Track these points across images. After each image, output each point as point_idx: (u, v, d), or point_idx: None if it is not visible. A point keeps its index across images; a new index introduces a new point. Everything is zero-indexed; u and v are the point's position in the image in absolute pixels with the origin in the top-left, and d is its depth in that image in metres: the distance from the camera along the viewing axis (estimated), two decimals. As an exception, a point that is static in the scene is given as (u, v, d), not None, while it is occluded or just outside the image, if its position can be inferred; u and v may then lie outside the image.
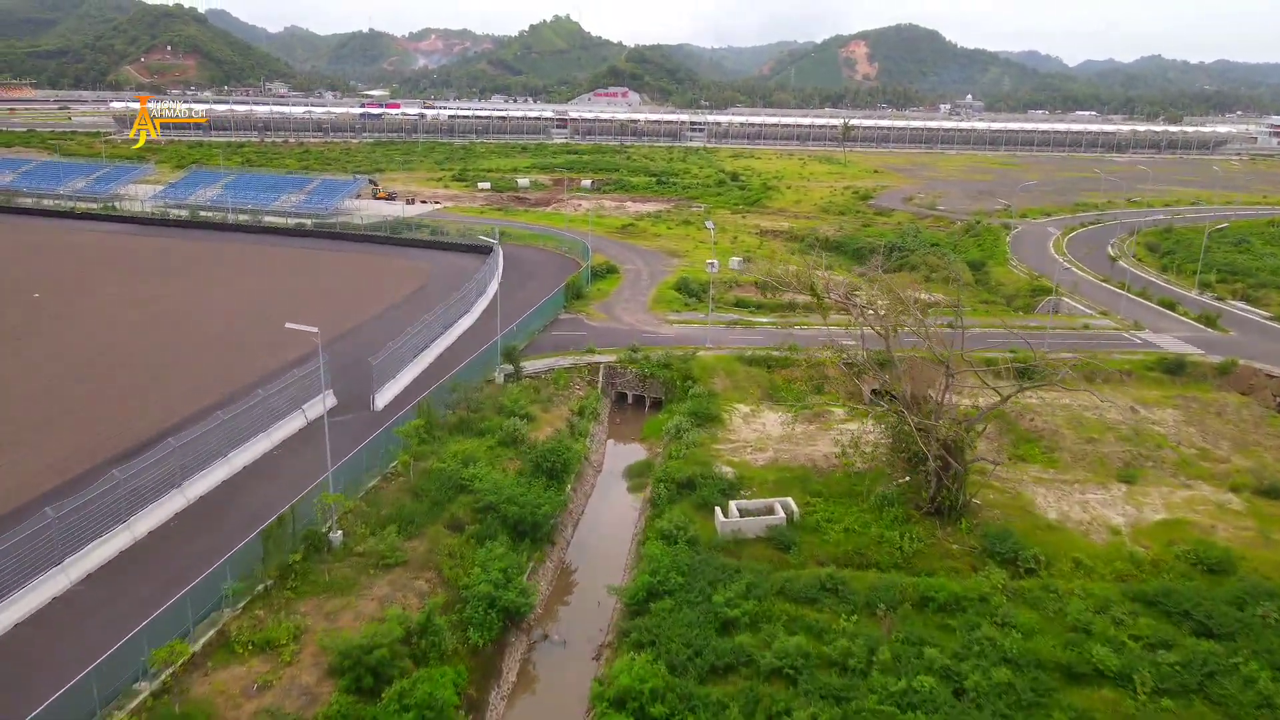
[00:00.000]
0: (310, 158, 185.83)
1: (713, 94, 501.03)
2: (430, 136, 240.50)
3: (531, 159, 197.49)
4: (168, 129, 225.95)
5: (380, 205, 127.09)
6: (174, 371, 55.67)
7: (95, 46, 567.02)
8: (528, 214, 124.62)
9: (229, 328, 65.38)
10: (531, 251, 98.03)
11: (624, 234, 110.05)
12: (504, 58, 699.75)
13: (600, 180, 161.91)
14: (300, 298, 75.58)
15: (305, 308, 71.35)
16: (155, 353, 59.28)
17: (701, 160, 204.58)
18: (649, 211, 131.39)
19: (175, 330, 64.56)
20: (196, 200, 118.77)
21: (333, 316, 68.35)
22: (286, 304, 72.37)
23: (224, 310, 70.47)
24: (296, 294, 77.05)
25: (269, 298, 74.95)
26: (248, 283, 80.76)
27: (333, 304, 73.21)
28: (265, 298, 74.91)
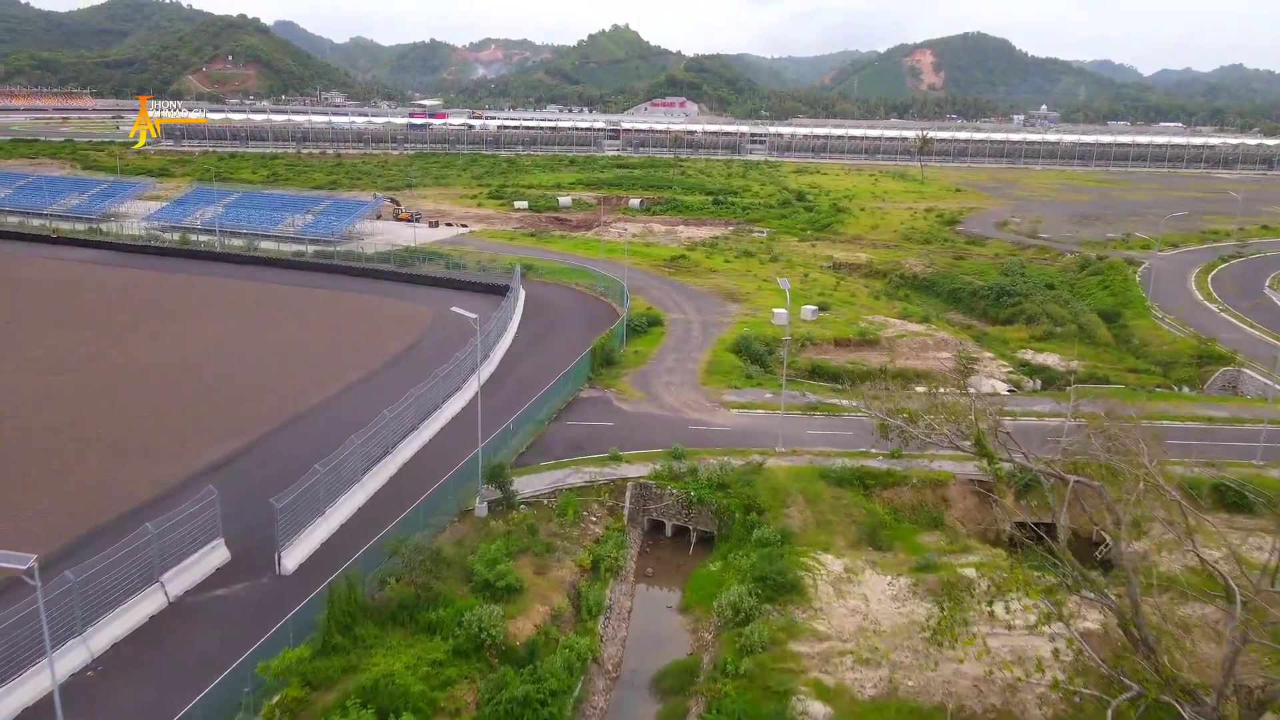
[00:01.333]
0: (342, 171, 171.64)
1: (773, 104, 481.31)
2: (475, 148, 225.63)
3: (578, 173, 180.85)
4: (202, 139, 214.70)
5: (399, 228, 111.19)
6: (21, 490, 39.15)
7: (160, 57, 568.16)
8: (564, 240, 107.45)
9: (141, 412, 48.91)
10: (560, 292, 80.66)
11: (673, 268, 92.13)
12: (561, 67, 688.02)
13: (650, 199, 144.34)
14: (255, 361, 59.07)
15: (256, 377, 54.78)
16: (20, 457, 42.93)
17: (763, 176, 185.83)
18: (703, 238, 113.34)
19: (75, 413, 48.34)
20: (193, 222, 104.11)
21: (286, 390, 51.72)
22: (233, 372, 55.91)
23: (152, 381, 54.14)
24: (254, 354, 60.58)
25: (219, 359, 58.57)
26: (205, 334, 64.62)
27: (293, 370, 56.59)
28: (214, 359, 58.55)
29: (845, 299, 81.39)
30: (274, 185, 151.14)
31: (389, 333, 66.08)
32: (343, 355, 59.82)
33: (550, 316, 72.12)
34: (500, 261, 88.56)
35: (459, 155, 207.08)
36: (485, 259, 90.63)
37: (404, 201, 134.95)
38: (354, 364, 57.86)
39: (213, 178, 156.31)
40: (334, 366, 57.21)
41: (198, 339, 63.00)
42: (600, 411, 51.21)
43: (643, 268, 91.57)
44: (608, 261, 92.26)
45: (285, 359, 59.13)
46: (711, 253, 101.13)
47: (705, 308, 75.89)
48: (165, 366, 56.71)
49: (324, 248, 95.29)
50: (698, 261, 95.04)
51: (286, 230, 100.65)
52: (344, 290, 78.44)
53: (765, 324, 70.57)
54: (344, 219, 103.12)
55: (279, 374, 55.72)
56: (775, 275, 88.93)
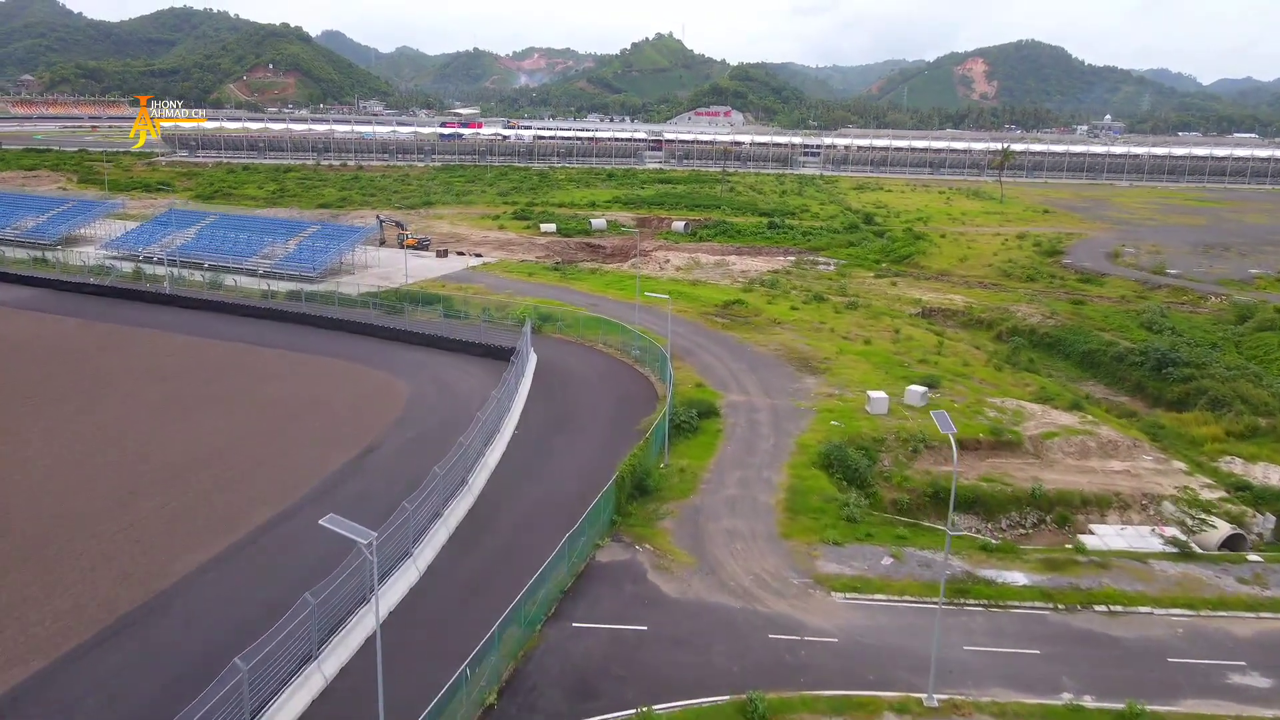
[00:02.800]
0: (357, 186, 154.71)
1: (821, 113, 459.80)
2: (506, 160, 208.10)
3: (616, 188, 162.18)
4: (218, 149, 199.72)
5: (401, 258, 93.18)
6: None
7: (203, 65, 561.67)
8: (594, 277, 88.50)
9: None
10: (582, 356, 61.74)
11: (727, 318, 72.75)
12: (603, 76, 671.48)
13: (696, 222, 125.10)
14: (117, 488, 40.62)
15: (101, 527, 36.28)
16: None
17: (820, 193, 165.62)
18: (760, 272, 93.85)
19: None
20: (157, 250, 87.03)
21: (137, 555, 33.24)
22: (74, 510, 37.65)
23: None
24: (122, 476, 42.18)
25: (64, 486, 40.47)
26: (78, 430, 46.64)
27: (169, 508, 37.99)
28: (59, 484, 40.45)
29: (955, 368, 61.35)
30: (280, 203, 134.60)
31: (342, 426, 47.54)
32: (258, 476, 41.21)
33: (567, 397, 53.18)
34: (512, 309, 69.99)
35: (488, 168, 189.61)
36: (494, 304, 72.13)
37: (413, 224, 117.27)
38: (270, 490, 39.29)
39: (213, 193, 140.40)
40: (235, 498, 38.67)
41: (63, 439, 44.94)
42: (627, 599, 31.94)
43: (689, 316, 72.42)
44: (646, 307, 73.31)
45: (168, 485, 40.50)
46: (772, 295, 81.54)
47: (773, 382, 56.36)
48: (13, 486, 38.69)
49: (301, 285, 77.53)
50: (757, 309, 75.50)
51: (261, 262, 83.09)
52: (305, 351, 60.21)
53: (857, 412, 50.95)
54: (331, 249, 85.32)
55: (140, 521, 37.20)
56: (861, 331, 69.31)
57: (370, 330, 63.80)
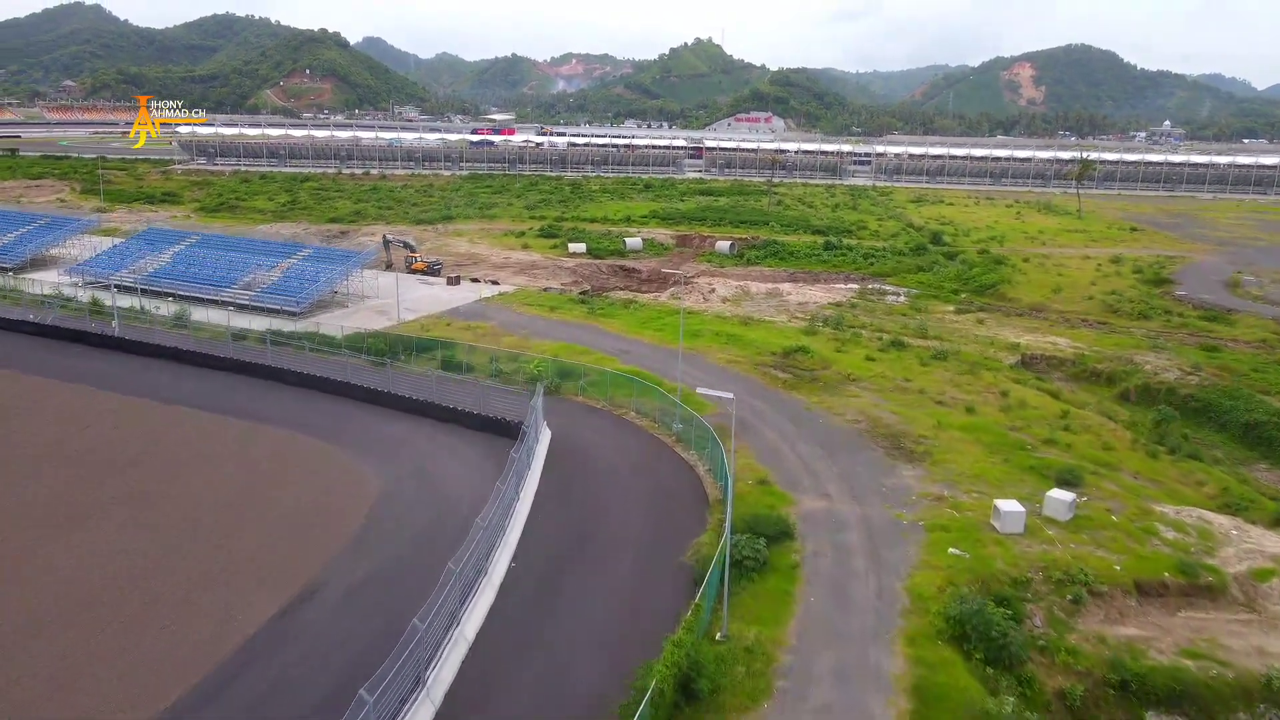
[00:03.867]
0: (375, 197, 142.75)
1: (865, 119, 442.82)
2: (538, 169, 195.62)
3: (654, 200, 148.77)
4: (237, 156, 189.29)
5: (406, 286, 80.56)
6: None
7: (242, 71, 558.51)
8: (627, 313, 74.83)
9: None
10: (609, 430, 48.09)
11: (788, 372, 58.72)
12: (641, 81, 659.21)
13: (742, 241, 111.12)
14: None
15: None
16: None
17: (876, 207, 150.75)
18: (821, 305, 79.83)
19: None
20: (126, 276, 75.20)
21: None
22: None
23: None
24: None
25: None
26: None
27: None
28: None
29: (1094, 452, 46.82)
30: (289, 216, 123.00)
31: (274, 550, 34.38)
32: (121, 653, 28.08)
33: (587, 500, 39.57)
34: (526, 360, 56.65)
35: (516, 177, 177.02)
36: (505, 351, 58.92)
37: (428, 242, 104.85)
38: (122, 692, 26.12)
39: (219, 206, 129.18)
40: (69, 697, 25.56)
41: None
42: None
43: (741, 368, 58.62)
44: (688, 353, 59.67)
45: (49, 628, 27.76)
46: (840, 338, 67.31)
47: (859, 475, 42.31)
48: None
49: (281, 322, 64.95)
50: (824, 358, 61.34)
51: (240, 293, 70.70)
52: (258, 419, 47.27)
53: (981, 528, 36.87)
54: (322, 278, 72.71)
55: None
56: (958, 391, 54.98)
57: (346, 391, 50.75)
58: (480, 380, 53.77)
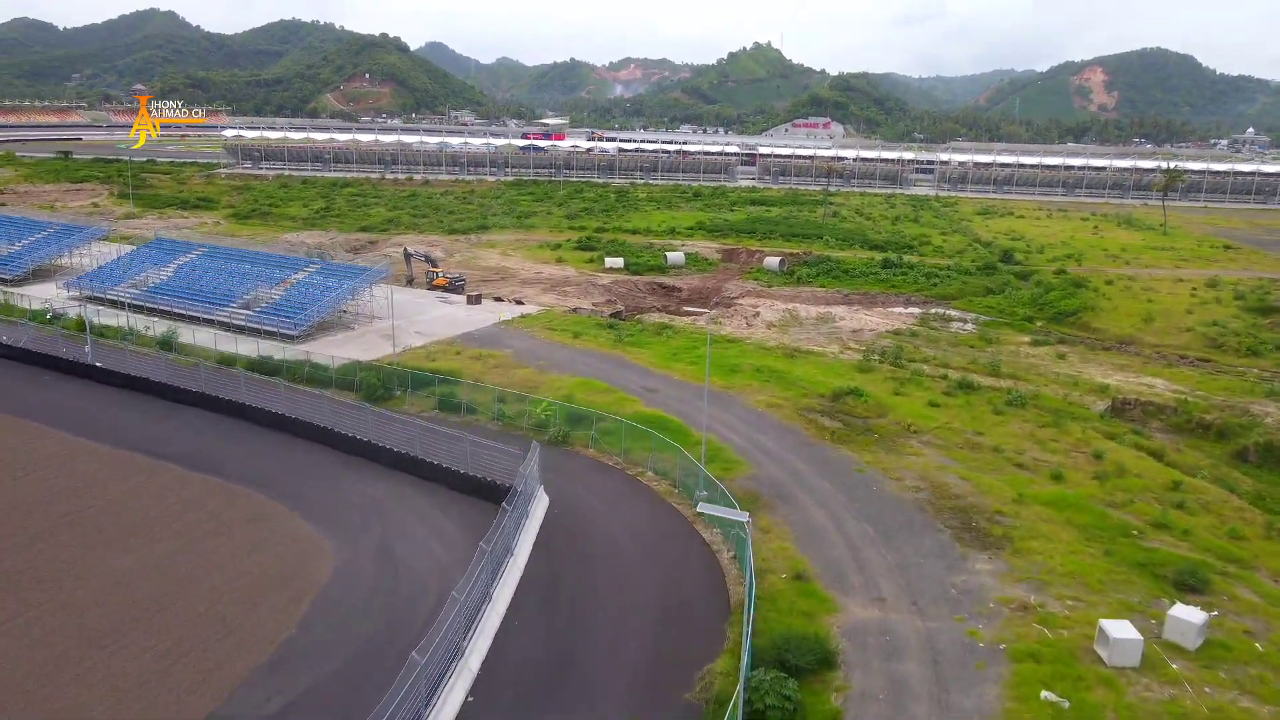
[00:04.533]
0: (411, 205, 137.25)
1: (928, 125, 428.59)
2: (586, 175, 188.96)
3: (702, 210, 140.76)
4: (281, 160, 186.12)
5: (422, 305, 74.13)
6: None
7: (304, 75, 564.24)
8: (659, 341, 66.86)
9: None
10: (619, 495, 40.25)
11: (838, 418, 50.24)
12: (699, 86, 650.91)
13: (793, 256, 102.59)
14: None
15: None
16: None
17: (940, 219, 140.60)
18: (878, 333, 71.09)
19: None
20: (125, 290, 69.90)
21: None
22: None
23: None
24: None
25: None
26: None
27: None
28: None
29: (1217, 541, 37.51)
30: (320, 224, 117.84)
31: (183, 658, 27.31)
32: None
33: (580, 597, 31.83)
34: (536, 399, 49.23)
35: (561, 184, 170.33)
36: (515, 388, 51.65)
37: (459, 254, 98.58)
38: None
39: (250, 212, 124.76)
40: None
41: None
42: None
43: (784, 414, 50.37)
44: (721, 393, 51.77)
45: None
46: (899, 376, 58.52)
47: (922, 570, 33.84)
48: None
49: (276, 346, 58.60)
50: (881, 403, 52.71)
51: (238, 313, 64.64)
52: (216, 472, 40.50)
53: (1081, 656, 28.31)
54: (328, 296, 66.32)
55: None
56: (1040, 450, 46.03)
57: (323, 438, 43.82)
58: (481, 423, 46.57)
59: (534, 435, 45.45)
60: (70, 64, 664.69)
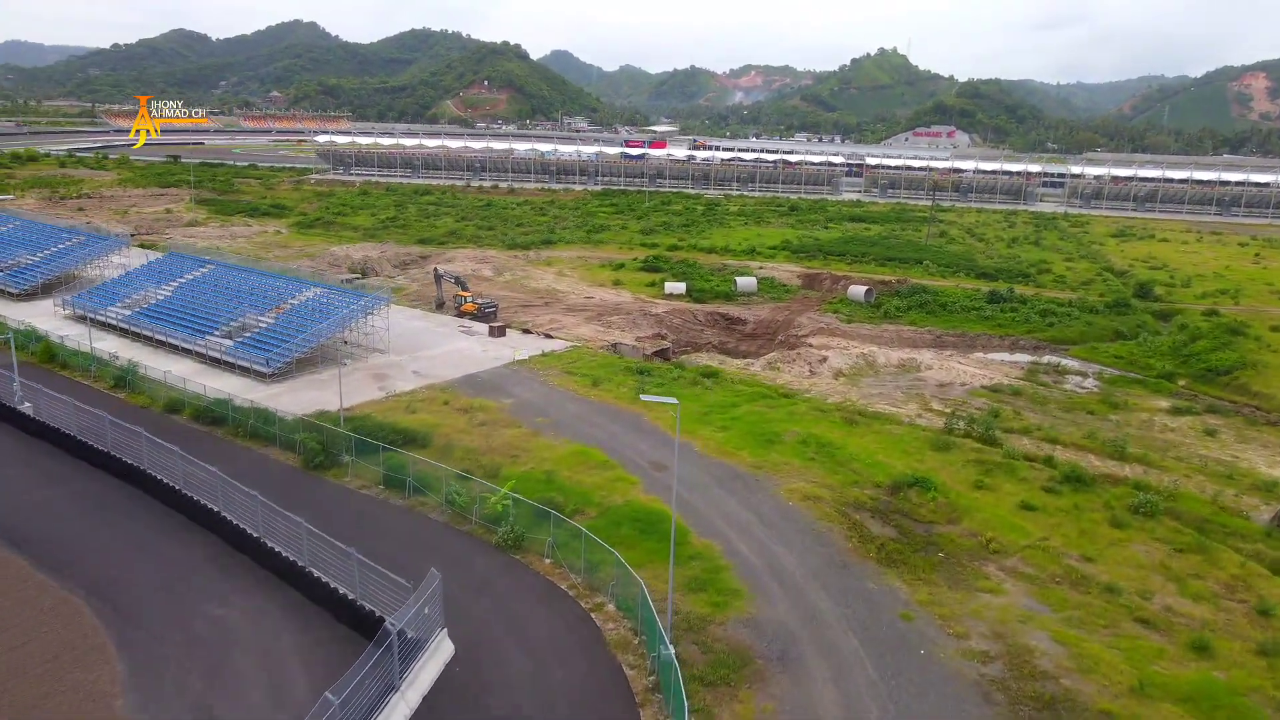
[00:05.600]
0: (483, 215, 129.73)
1: (1063, 134, 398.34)
2: (679, 184, 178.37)
3: (794, 226, 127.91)
4: (371, 166, 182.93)
5: (438, 335, 64.91)
6: None
7: (429, 83, 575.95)
8: (694, 390, 55.14)
9: None
10: (557, 641, 28.93)
11: (892, 523, 37.58)
12: (819, 93, 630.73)
13: (883, 285, 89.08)
14: None
15: None
16: None
17: (1066, 242, 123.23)
18: (970, 389, 57.50)
19: None
20: (118, 310, 63.57)
21: None
22: None
23: None
24: None
25: None
26: None
27: None
28: None
29: None
30: (380, 236, 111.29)
31: None
32: None
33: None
34: (507, 474, 38.86)
35: (647, 195, 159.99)
36: (492, 453, 41.55)
37: (514, 270, 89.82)
38: None
39: (314, 221, 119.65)
40: None
41: None
42: None
43: (820, 511, 38.15)
44: (749, 475, 40.10)
45: None
46: (986, 459, 45.02)
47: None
48: None
49: (245, 386, 50.37)
50: (956, 504, 39.69)
51: (218, 343, 56.78)
52: (60, 573, 31.72)
53: None
54: (323, 324, 57.79)
55: None
56: (1178, 598, 32.49)
57: (216, 526, 34.51)
58: (426, 508, 36.54)
59: (481, 534, 35.12)
60: (218, 72, 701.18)
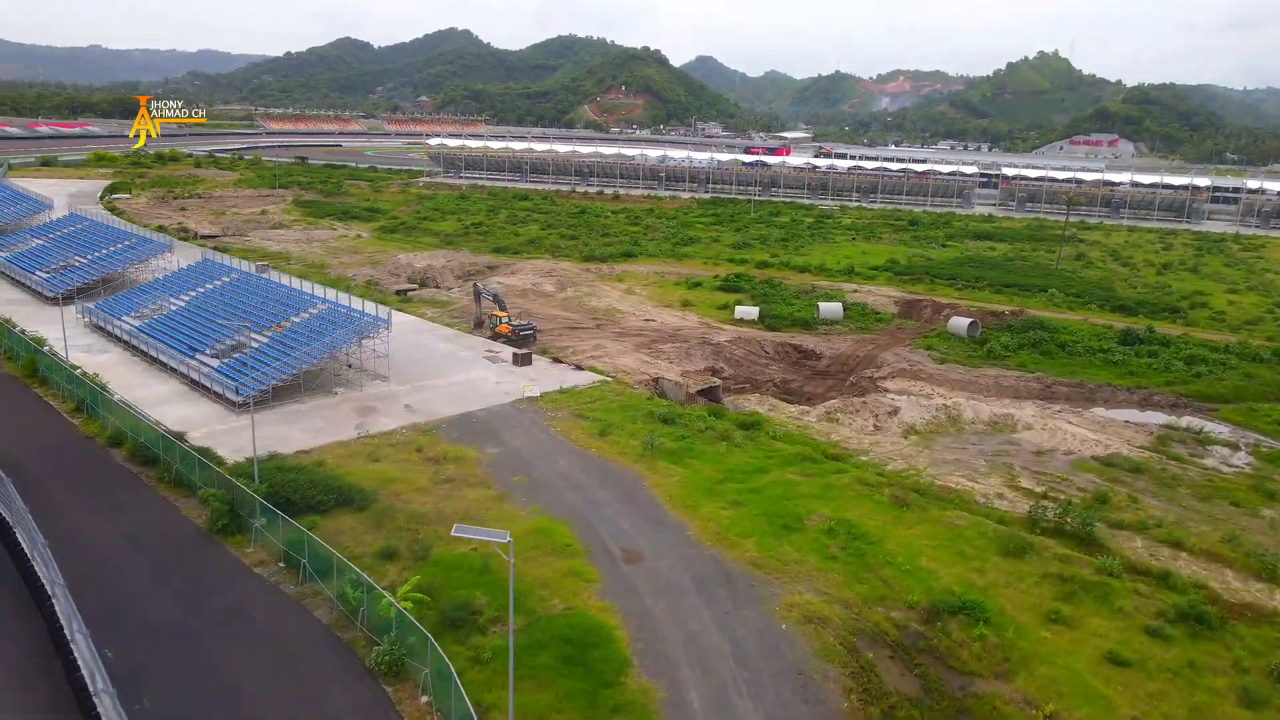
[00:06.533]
0: (566, 223, 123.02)
1: (1246, 144, 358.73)
2: (793, 194, 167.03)
3: (906, 244, 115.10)
4: (479, 170, 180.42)
5: (455, 362, 57.97)
6: None
7: (569, 88, 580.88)
8: (719, 448, 45.52)
9: None
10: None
11: (917, 671, 27.30)
12: (969, 100, 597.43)
13: (994, 316, 76.28)
14: None
15: None
16: None
17: (1232, 268, 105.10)
18: (1079, 462, 45.36)
19: None
20: (129, 321, 59.91)
21: None
22: None
23: None
24: None
25: None
26: None
27: None
28: None
29: None
30: (459, 243, 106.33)
31: None
32: None
33: None
34: (438, 556, 31.13)
35: (752, 205, 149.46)
36: (438, 524, 34.00)
37: (573, 288, 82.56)
38: None
39: (398, 226, 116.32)
40: None
41: None
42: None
43: (822, 646, 28.30)
44: (750, 575, 30.79)
45: None
46: (1073, 576, 33.58)
47: None
48: None
49: (221, 411, 44.85)
50: (1013, 645, 28.82)
51: (203, 364, 51.70)
52: None
53: None
54: (314, 346, 51.79)
55: None
56: None
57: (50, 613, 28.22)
58: (318, 601, 29.23)
59: (362, 647, 27.37)
60: (376, 78, 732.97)
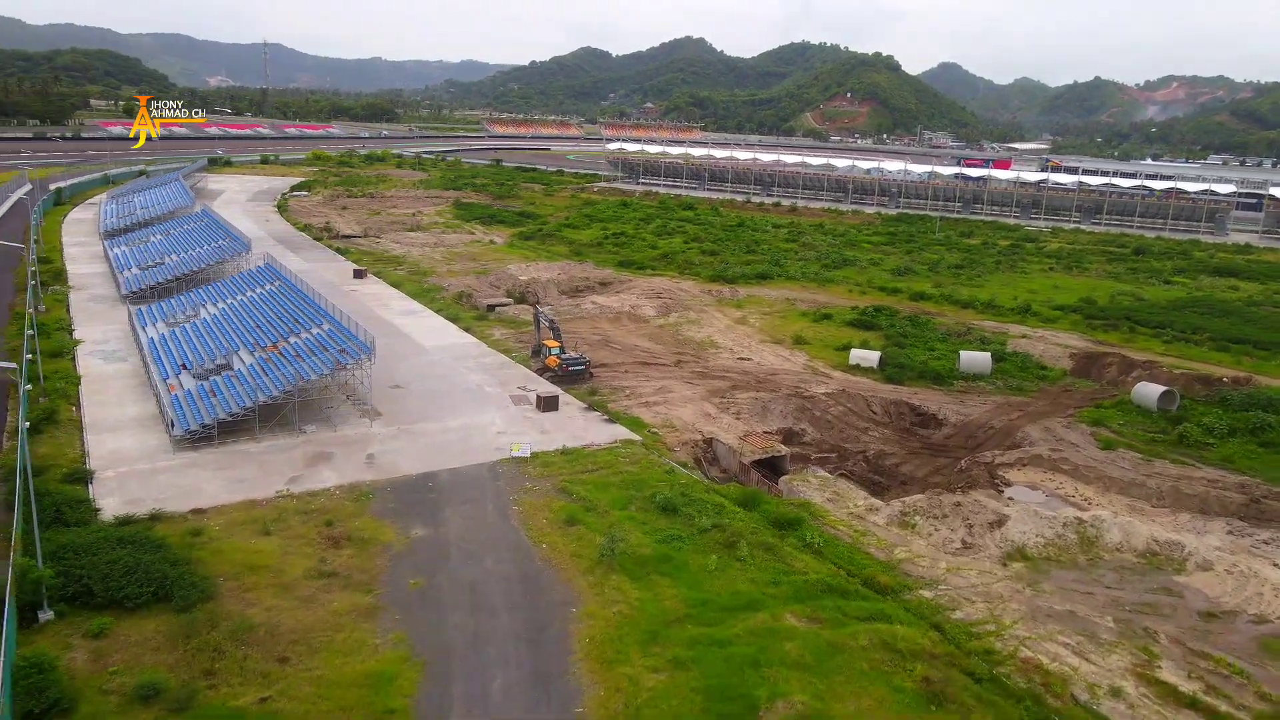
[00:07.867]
0: (715, 236, 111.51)
1: None
2: (998, 213, 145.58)
3: (1116, 279, 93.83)
4: (656, 175, 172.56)
5: (470, 400, 49.22)
6: None
7: (793, 95, 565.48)
8: (764, 553, 33.30)
9: None
10: None
11: None
12: (1256, 108, 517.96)
13: (1207, 384, 56.97)
14: None
15: None
16: None
17: None
18: (1270, 642, 28.89)
19: None
20: (159, 327, 56.26)
21: None
22: None
23: None
24: None
25: None
26: None
27: None
28: None
29: None
30: (589, 254, 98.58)
31: None
32: None
33: None
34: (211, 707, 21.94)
35: (939, 222, 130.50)
36: (256, 646, 25.01)
37: (680, 313, 72.07)
38: None
39: (535, 232, 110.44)
40: None
41: None
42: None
43: None
44: None
45: None
46: None
47: None
48: None
49: (160, 447, 38.82)
50: None
51: (183, 385, 46.05)
52: None
53: None
54: (305, 364, 44.68)
55: None
56: None
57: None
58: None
59: None
60: (610, 85, 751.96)
